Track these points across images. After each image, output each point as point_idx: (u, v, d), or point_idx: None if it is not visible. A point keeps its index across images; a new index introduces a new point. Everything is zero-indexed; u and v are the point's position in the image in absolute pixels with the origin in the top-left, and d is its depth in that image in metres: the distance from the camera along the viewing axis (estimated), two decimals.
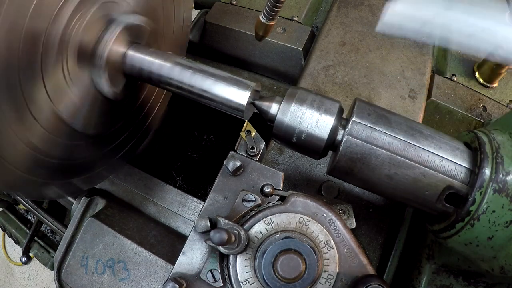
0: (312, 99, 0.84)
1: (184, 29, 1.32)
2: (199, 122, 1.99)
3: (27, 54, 0.75)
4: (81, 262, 1.14)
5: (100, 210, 1.23)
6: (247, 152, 0.88)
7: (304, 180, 1.19)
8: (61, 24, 0.81)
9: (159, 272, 1.10)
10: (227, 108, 0.93)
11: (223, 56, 1.64)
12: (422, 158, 0.79)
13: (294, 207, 0.79)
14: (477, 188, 0.75)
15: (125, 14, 0.97)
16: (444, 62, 1.51)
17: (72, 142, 0.97)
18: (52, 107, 0.86)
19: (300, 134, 0.83)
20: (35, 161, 0.88)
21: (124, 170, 1.34)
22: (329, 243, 0.76)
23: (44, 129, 0.86)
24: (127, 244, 1.13)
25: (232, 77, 0.93)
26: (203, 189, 1.85)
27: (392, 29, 1.28)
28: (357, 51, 1.40)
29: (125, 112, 1.16)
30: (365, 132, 0.80)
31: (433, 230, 0.86)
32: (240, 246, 0.72)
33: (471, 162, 0.80)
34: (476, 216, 0.75)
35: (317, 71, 1.36)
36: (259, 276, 0.74)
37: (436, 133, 0.83)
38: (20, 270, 3.30)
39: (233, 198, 0.82)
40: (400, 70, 1.36)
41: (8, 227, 1.89)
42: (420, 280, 1.04)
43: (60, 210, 1.72)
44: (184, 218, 1.26)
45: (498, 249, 0.75)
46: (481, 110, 1.39)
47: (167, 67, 0.95)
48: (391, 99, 1.29)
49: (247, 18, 1.58)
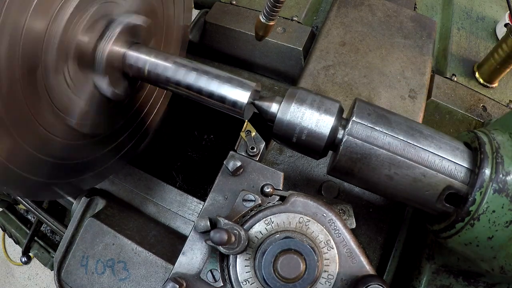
0: (312, 99, 0.84)
1: (184, 29, 1.32)
2: (199, 122, 1.99)
3: (28, 55, 0.75)
4: (81, 262, 1.14)
5: (100, 210, 1.23)
6: (247, 152, 0.88)
7: (304, 180, 1.19)
8: (61, 24, 0.81)
9: (159, 272, 1.10)
10: (227, 108, 0.93)
11: (223, 56, 1.64)
12: (422, 158, 0.79)
13: (294, 207, 0.79)
14: (477, 188, 0.75)
15: (125, 14, 0.97)
16: (444, 62, 1.51)
17: (71, 142, 0.97)
18: (52, 107, 0.86)
19: (300, 134, 0.83)
20: (35, 161, 0.88)
21: (124, 170, 1.34)
22: (329, 243, 0.76)
23: (44, 130, 0.86)
24: (127, 244, 1.13)
25: (232, 77, 0.93)
26: (203, 189, 1.85)
27: None
28: (357, 51, 1.40)
29: (125, 112, 1.16)
30: (365, 132, 0.80)
31: (433, 230, 0.86)
32: (240, 246, 0.72)
33: (471, 162, 0.80)
34: (476, 216, 0.75)
35: (317, 71, 1.36)
36: (259, 276, 0.73)
37: (436, 133, 0.83)
38: (20, 270, 3.30)
39: (233, 198, 0.82)
40: (400, 70, 1.36)
41: (8, 227, 1.89)
42: (420, 280, 1.04)
43: (60, 210, 1.72)
44: (184, 218, 1.26)
45: (498, 249, 0.75)
46: (481, 110, 1.39)
47: (166, 67, 0.95)
48: (391, 99, 1.29)
49: (247, 18, 1.58)
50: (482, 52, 1.56)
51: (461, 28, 1.63)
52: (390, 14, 1.52)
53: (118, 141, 1.19)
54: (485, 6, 1.77)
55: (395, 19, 1.51)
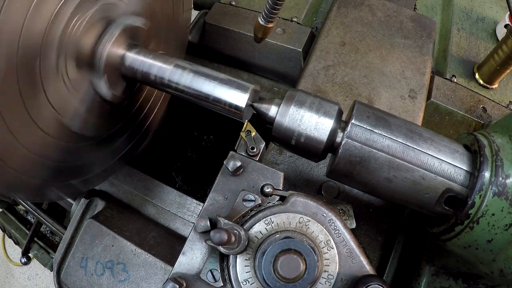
0: (311, 101, 0.84)
1: (183, 30, 1.32)
2: (199, 123, 1.99)
3: (26, 56, 0.75)
4: (80, 263, 1.14)
5: (100, 212, 1.23)
6: (247, 152, 0.88)
7: (304, 180, 1.18)
8: (59, 25, 0.80)
9: (159, 273, 1.10)
10: (226, 110, 0.93)
11: (222, 57, 1.64)
12: (422, 161, 0.78)
13: (294, 207, 0.78)
14: (477, 191, 0.74)
15: (124, 15, 0.97)
16: (444, 63, 1.51)
17: (71, 144, 0.97)
18: (51, 109, 0.86)
19: (299, 137, 0.83)
20: (34, 163, 0.88)
21: (124, 171, 1.34)
22: (329, 243, 0.76)
23: (43, 132, 0.86)
24: (126, 246, 1.13)
25: (231, 79, 0.93)
26: (203, 189, 1.85)
27: None
28: (357, 51, 1.40)
29: (124, 113, 1.16)
30: (364, 135, 0.80)
31: (433, 233, 0.86)
32: (240, 246, 0.72)
33: (470, 165, 0.79)
34: (475, 219, 0.74)
35: (317, 71, 1.36)
36: (259, 276, 0.73)
37: (436, 136, 0.83)
38: (20, 270, 3.29)
39: (233, 198, 0.82)
40: (400, 70, 1.36)
41: (8, 227, 1.89)
42: (420, 282, 1.04)
43: (59, 211, 1.72)
44: (184, 220, 1.26)
45: (498, 252, 0.75)
46: (481, 111, 1.38)
47: (165, 69, 0.95)
48: (391, 99, 1.29)
49: (246, 19, 1.58)
50: (482, 53, 1.56)
51: (461, 28, 1.62)
52: (390, 14, 1.52)
53: (118, 142, 1.19)
54: (485, 6, 1.76)
55: (395, 19, 1.51)
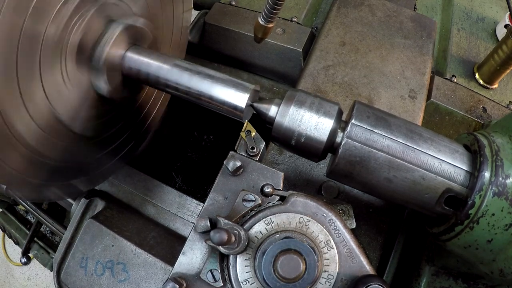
0: (311, 101, 0.84)
1: (183, 30, 1.32)
2: (199, 123, 1.99)
3: (26, 54, 0.75)
4: (80, 263, 1.14)
5: (100, 212, 1.23)
6: (247, 152, 0.88)
7: (304, 180, 1.18)
8: (60, 25, 0.80)
9: (159, 273, 1.10)
10: (226, 110, 0.92)
11: (222, 57, 1.64)
12: (422, 161, 0.78)
13: (294, 207, 0.78)
14: (477, 191, 0.74)
15: (124, 15, 0.97)
16: (444, 63, 1.51)
17: (70, 144, 0.97)
18: (50, 108, 0.86)
19: (299, 137, 0.83)
20: (33, 163, 0.88)
21: (124, 171, 1.34)
22: (329, 243, 0.76)
23: (42, 131, 0.86)
24: (126, 246, 1.13)
25: (231, 79, 0.93)
26: (203, 189, 1.85)
27: None
28: (357, 51, 1.40)
29: (124, 113, 1.16)
30: (364, 135, 0.80)
31: (433, 233, 0.86)
32: (240, 246, 0.72)
33: (470, 165, 0.79)
34: (475, 219, 0.74)
35: (317, 71, 1.36)
36: (259, 276, 0.73)
37: (436, 136, 0.83)
38: (20, 270, 3.29)
39: (233, 198, 0.82)
40: (400, 70, 1.36)
41: (8, 227, 1.89)
42: (420, 282, 1.04)
43: (59, 211, 1.72)
44: (184, 220, 1.26)
45: (498, 252, 0.75)
46: (481, 111, 1.38)
47: (165, 69, 0.95)
48: (391, 99, 1.29)
49: (246, 19, 1.58)
50: (482, 53, 1.56)
51: (461, 29, 1.62)
52: (390, 14, 1.52)
53: (118, 142, 1.19)
54: (485, 7, 1.76)
55: (395, 19, 1.51)
